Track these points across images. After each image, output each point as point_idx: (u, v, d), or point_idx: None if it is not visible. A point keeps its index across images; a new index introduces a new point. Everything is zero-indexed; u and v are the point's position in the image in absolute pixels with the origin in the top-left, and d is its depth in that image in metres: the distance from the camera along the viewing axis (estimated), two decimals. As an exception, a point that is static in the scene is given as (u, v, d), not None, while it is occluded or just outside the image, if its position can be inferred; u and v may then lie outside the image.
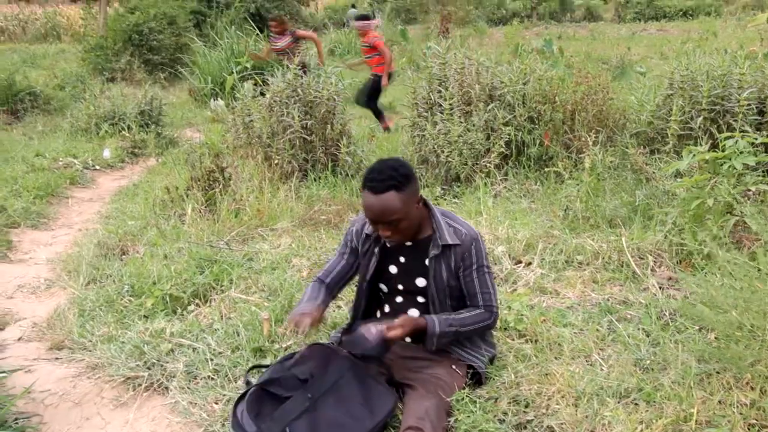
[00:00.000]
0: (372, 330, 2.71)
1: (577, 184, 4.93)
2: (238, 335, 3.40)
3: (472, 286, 2.80)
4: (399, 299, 2.92)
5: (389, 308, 2.95)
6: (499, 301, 2.89)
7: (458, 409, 2.64)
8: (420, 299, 2.87)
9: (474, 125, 5.80)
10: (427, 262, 2.80)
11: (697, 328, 3.07)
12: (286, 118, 6.40)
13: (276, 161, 6.29)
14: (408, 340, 2.86)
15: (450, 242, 2.73)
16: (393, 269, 2.89)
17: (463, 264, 2.77)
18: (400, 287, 2.89)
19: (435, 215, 2.79)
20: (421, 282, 2.83)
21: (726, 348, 2.66)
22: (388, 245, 2.86)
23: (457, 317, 2.77)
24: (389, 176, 2.59)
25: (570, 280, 3.86)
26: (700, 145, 4.39)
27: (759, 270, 2.69)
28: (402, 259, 2.86)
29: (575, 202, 4.80)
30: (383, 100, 10.16)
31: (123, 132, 9.11)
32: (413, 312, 2.87)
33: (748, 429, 2.33)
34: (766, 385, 2.46)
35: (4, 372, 3.17)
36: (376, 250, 2.89)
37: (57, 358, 3.51)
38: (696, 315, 2.97)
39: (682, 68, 5.69)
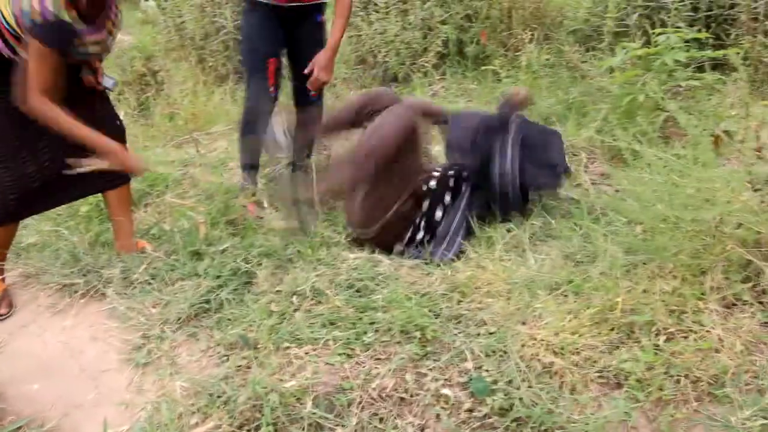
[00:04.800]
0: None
1: (514, 83, 4.94)
2: (174, 239, 3.39)
3: None
4: None
5: None
6: None
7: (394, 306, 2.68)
8: None
9: (411, 24, 5.72)
10: None
11: (626, 221, 3.15)
12: (219, 19, 6.22)
13: (210, 64, 6.15)
14: None
15: None
16: None
17: None
18: None
19: None
20: None
21: (651, 239, 2.75)
22: None
23: None
24: None
25: (505, 177, 3.90)
26: (635, 41, 4.41)
27: (694, 161, 2.76)
28: None
29: (511, 100, 4.81)
30: None
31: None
32: None
33: (669, 314, 2.43)
34: (686, 274, 2.56)
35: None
36: None
37: (-13, 269, 3.47)
38: (625, 209, 3.05)
39: (618, -37, 5.64)
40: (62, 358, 2.75)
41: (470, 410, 2.20)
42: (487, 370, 2.33)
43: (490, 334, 2.52)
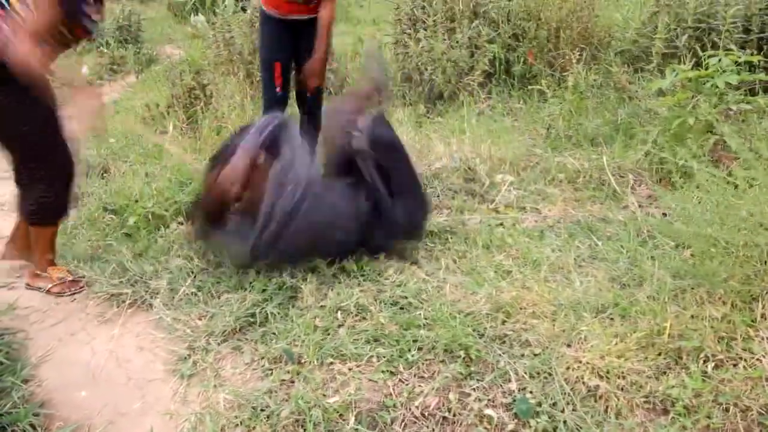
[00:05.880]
0: None
1: (560, 103, 4.92)
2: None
3: None
4: None
5: None
6: None
7: (438, 324, 2.68)
8: None
9: (458, 42, 5.73)
10: None
11: (674, 245, 3.11)
12: (267, 34, 6.30)
13: (258, 78, 6.22)
14: None
15: None
16: None
17: None
18: None
19: None
20: None
21: (701, 264, 2.71)
22: None
23: None
24: None
25: (551, 198, 3.88)
26: (684, 63, 4.37)
27: (735, 187, 2.72)
28: None
29: (558, 120, 4.80)
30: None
31: (101, 48, 8.94)
32: None
33: (719, 341, 2.39)
34: (737, 300, 2.52)
35: (-14, 289, 3.19)
36: None
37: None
38: (673, 232, 3.01)
39: (668, -16, 5.60)
40: (109, 366, 2.79)
41: (513, 432, 2.19)
42: (531, 392, 2.31)
43: (535, 355, 2.50)
